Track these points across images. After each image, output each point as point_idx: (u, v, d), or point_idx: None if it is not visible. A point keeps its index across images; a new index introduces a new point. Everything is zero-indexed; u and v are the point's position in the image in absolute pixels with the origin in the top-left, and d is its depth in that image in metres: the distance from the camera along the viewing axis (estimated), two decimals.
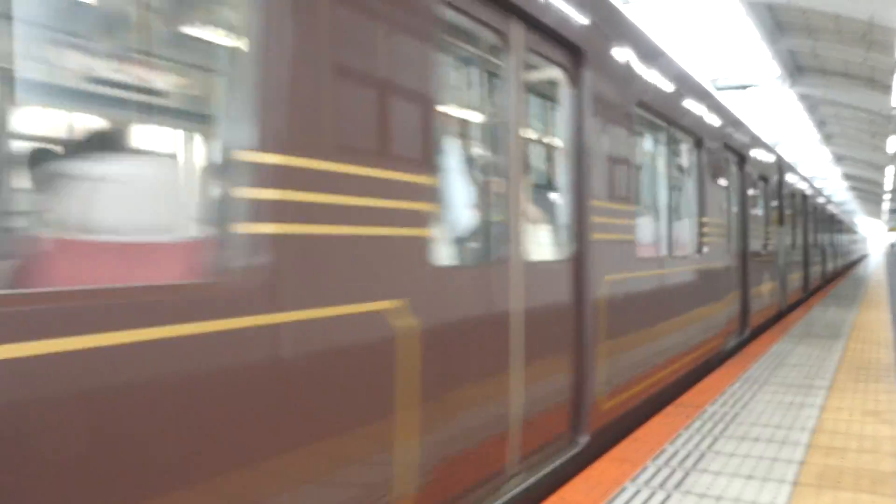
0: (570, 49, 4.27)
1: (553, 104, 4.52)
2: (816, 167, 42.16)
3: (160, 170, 2.74)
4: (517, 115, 3.70)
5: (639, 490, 3.73)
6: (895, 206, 58.31)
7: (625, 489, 3.74)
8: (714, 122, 7.87)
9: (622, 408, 4.93)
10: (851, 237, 43.55)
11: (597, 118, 4.51)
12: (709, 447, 4.49)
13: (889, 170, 39.50)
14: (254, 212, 2.14)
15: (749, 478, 3.93)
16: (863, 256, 61.79)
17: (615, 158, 4.81)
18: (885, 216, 70.74)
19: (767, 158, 11.75)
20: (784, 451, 4.40)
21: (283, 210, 2.22)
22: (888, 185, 48.08)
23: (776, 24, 20.22)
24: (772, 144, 12.55)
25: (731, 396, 5.92)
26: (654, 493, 3.68)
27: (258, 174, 2.15)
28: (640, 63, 5.47)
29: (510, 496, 3.57)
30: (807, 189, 17.38)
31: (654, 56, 5.90)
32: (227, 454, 2.03)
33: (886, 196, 55.44)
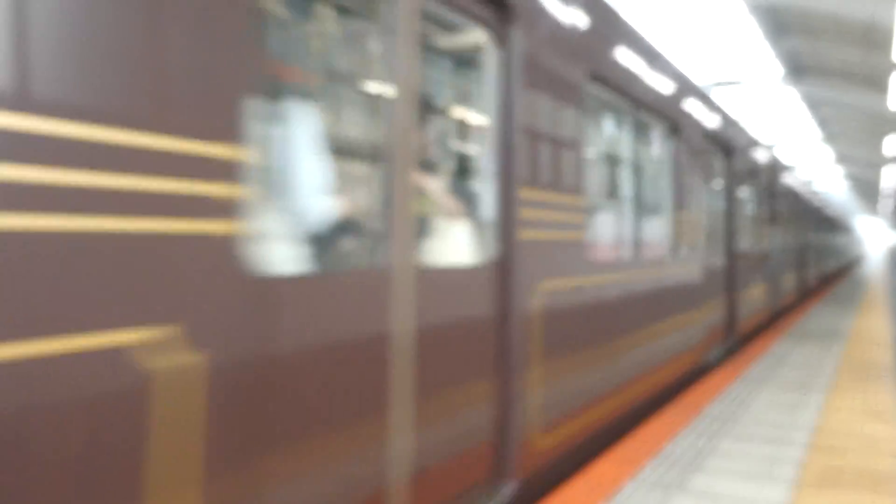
0: (494, 1, 3.46)
1: (475, 70, 3.67)
2: (817, 167, 42.14)
3: None
4: (408, 78, 2.85)
5: (639, 490, 3.74)
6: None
7: (625, 489, 3.75)
8: (695, 109, 7.08)
9: (566, 444, 4.10)
10: (851, 237, 43.41)
11: (532, 90, 3.71)
12: (709, 447, 4.51)
13: (885, 170, 39.47)
14: None
15: (749, 477, 3.94)
16: (863, 257, 61.98)
17: (559, 140, 4.02)
18: (886, 216, 70.80)
19: (759, 154, 11.04)
20: (784, 451, 4.41)
21: None
22: (889, 186, 48.06)
23: (777, 25, 20.22)
24: (766, 141, 11.95)
25: (731, 396, 5.93)
26: (655, 493, 3.70)
27: None
28: (597, 29, 4.63)
29: None
30: (804, 188, 16.81)
31: (617, 25, 5.03)
32: None
33: (887, 196, 55.43)
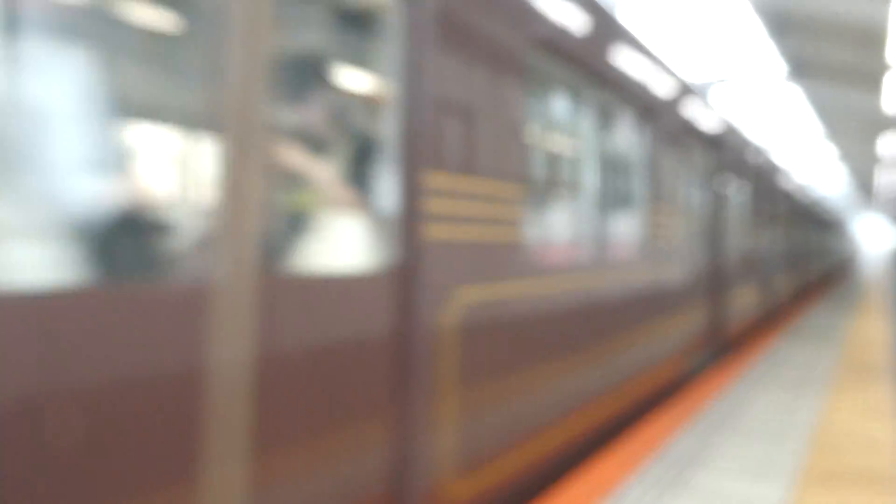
0: None
1: (377, 31, 3.00)
2: (818, 167, 42.11)
3: None
4: (253, 24, 2.19)
5: (640, 489, 3.75)
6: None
7: (626, 488, 3.76)
8: (673, 95, 6.34)
9: (493, 490, 3.37)
10: (851, 238, 43.09)
11: (450, 54, 3.05)
12: (709, 447, 4.51)
13: (876, 170, 39.45)
14: None
15: (749, 477, 3.95)
16: (860, 255, 62.16)
17: (487, 118, 3.30)
18: (887, 216, 70.79)
19: (749, 149, 10.32)
20: (784, 451, 4.42)
21: None
22: (889, 186, 48.02)
23: (780, 24, 20.23)
24: (758, 137, 11.03)
25: (732, 396, 5.94)
26: (655, 492, 3.70)
27: None
28: None
29: None
30: (800, 186, 16.01)
31: None
32: None
33: (888, 196, 55.39)
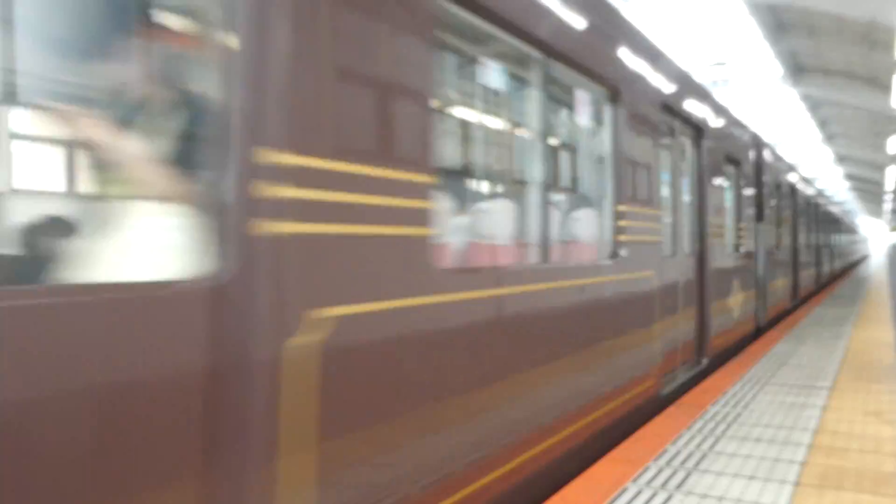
0: None
1: None
2: (818, 167, 42.16)
3: None
4: None
5: (640, 490, 3.72)
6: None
7: (626, 489, 3.73)
8: (644, 71, 5.51)
9: None
10: (850, 237, 40.43)
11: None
12: (710, 447, 4.49)
13: (890, 170, 39.50)
14: None
15: (751, 478, 3.93)
16: (863, 258, 59.95)
17: (375, 82, 2.59)
18: (887, 216, 70.84)
19: (739, 136, 9.23)
20: (786, 452, 4.39)
21: None
22: (889, 186, 48.11)
23: (778, 24, 20.22)
24: (746, 122, 9.96)
25: (733, 397, 5.92)
26: (656, 494, 3.68)
27: None
28: None
29: None
30: (796, 179, 14.93)
31: None
32: None
33: (888, 196, 55.47)
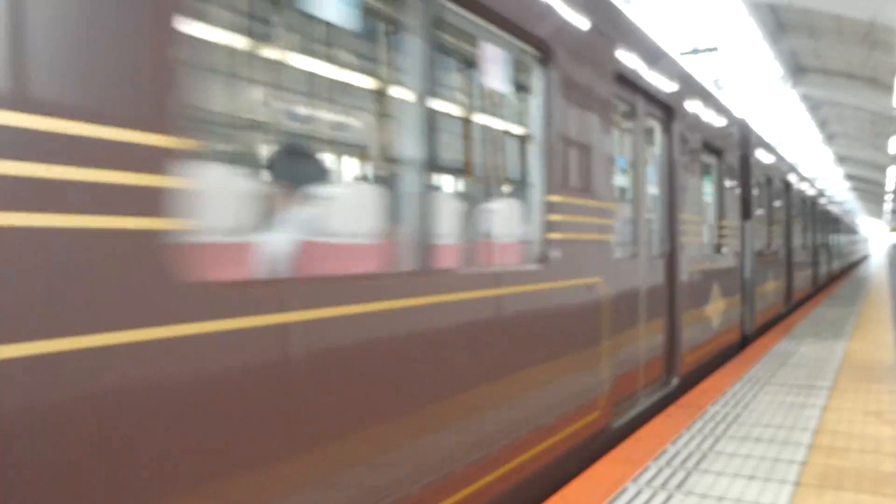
0: None
1: None
2: (819, 167, 42.16)
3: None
4: None
5: (640, 490, 3.72)
6: None
7: (626, 489, 3.73)
8: (591, 30, 4.44)
9: None
10: (850, 237, 39.35)
11: None
12: (710, 447, 4.49)
13: (891, 170, 39.51)
14: None
15: (751, 478, 3.93)
16: (863, 258, 59.20)
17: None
18: (887, 216, 70.86)
19: (723, 122, 8.14)
20: (786, 452, 4.39)
21: None
22: (889, 186, 48.14)
23: (778, 25, 20.22)
24: (730, 106, 8.84)
25: (733, 397, 5.92)
26: (656, 494, 3.68)
27: None
28: None
29: None
30: (790, 174, 14.04)
31: None
32: None
33: (888, 197, 55.51)
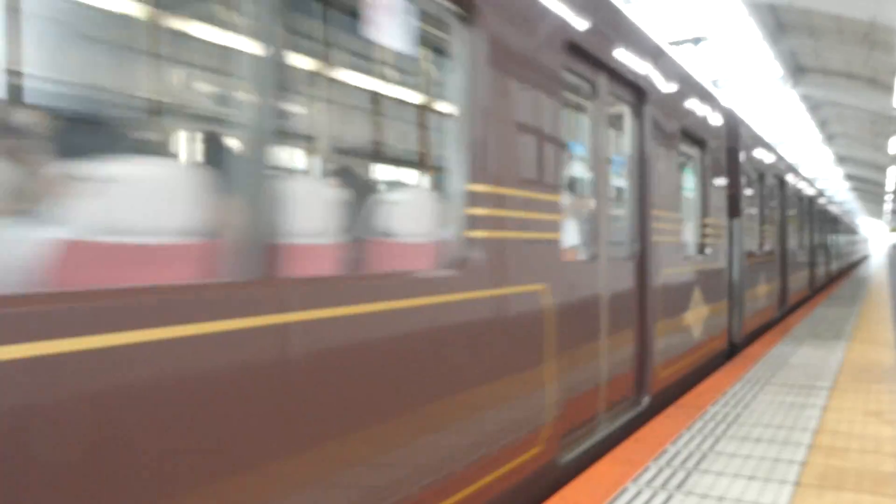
0: None
1: None
2: (819, 168, 42.17)
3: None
4: None
5: (640, 490, 3.72)
6: None
7: (626, 490, 3.73)
8: None
9: None
10: (850, 237, 38.76)
11: None
12: (710, 448, 4.49)
13: (891, 170, 39.51)
14: None
15: (751, 478, 3.93)
16: (863, 258, 58.96)
17: None
18: (887, 217, 70.86)
19: (706, 110, 7.43)
20: (786, 452, 4.39)
21: None
22: (889, 186, 48.15)
23: (778, 25, 20.23)
24: (717, 92, 8.11)
25: (733, 397, 5.92)
26: (656, 494, 3.68)
27: None
28: None
29: None
30: (785, 170, 13.19)
31: None
32: None
33: (888, 197, 55.51)
